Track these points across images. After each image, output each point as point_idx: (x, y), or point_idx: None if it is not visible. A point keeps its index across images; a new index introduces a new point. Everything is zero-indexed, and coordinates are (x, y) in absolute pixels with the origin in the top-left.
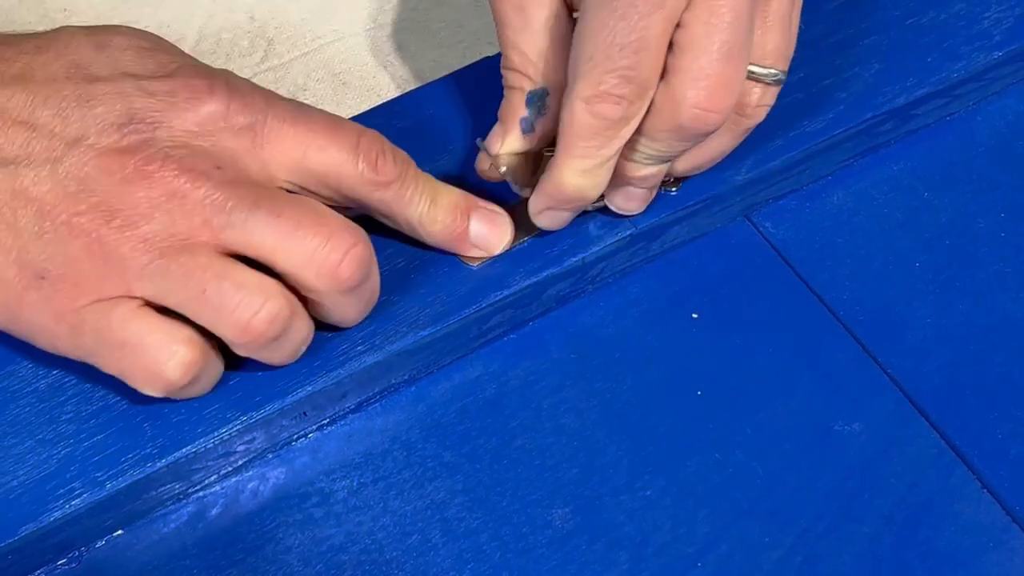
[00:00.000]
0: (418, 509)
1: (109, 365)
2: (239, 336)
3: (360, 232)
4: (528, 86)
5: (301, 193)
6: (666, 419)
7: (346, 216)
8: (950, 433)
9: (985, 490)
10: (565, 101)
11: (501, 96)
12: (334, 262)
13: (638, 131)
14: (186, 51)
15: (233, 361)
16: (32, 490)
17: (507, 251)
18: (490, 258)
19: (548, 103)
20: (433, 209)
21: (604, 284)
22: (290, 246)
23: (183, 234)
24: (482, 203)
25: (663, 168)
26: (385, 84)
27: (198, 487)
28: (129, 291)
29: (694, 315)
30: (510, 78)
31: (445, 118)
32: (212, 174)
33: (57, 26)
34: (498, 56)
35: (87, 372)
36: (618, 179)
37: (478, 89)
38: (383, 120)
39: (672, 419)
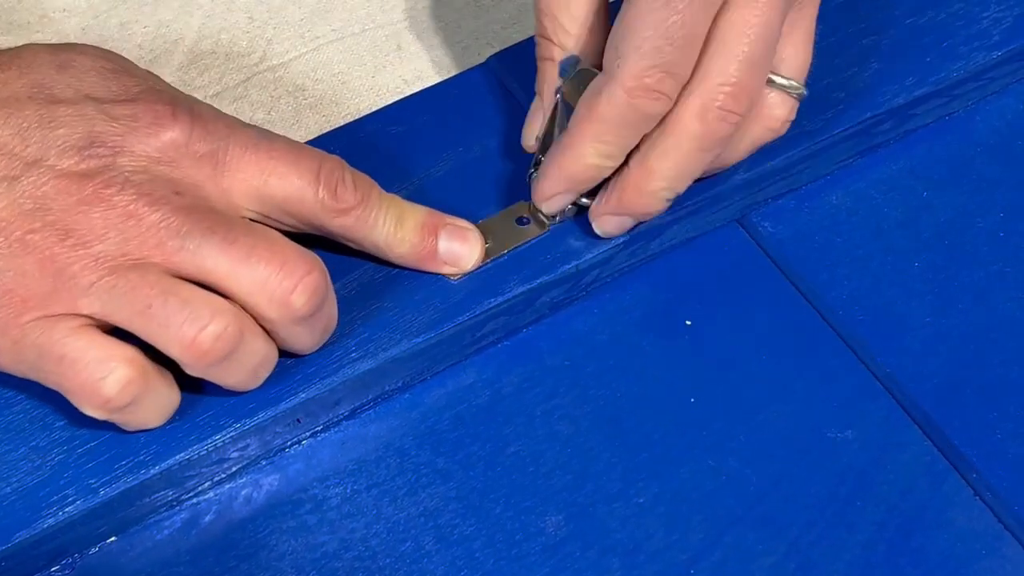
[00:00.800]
0: (411, 516)
1: (49, 380)
2: (185, 353)
3: (315, 261)
4: (559, 56)
5: (264, 222)
6: (659, 426)
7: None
8: (948, 435)
9: (978, 497)
10: (604, 84)
11: (498, 101)
12: (286, 290)
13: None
14: (184, 51)
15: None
16: (25, 497)
17: (481, 266)
18: (465, 274)
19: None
20: (399, 230)
21: (598, 291)
22: (242, 273)
23: (135, 254)
24: (450, 219)
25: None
26: (384, 84)
27: (191, 494)
28: (76, 308)
29: (687, 322)
30: (543, 48)
31: (440, 123)
32: (171, 199)
33: (57, 26)
34: (491, 61)
35: None
36: (624, 209)
37: (476, 92)
38: (378, 126)
39: (665, 426)
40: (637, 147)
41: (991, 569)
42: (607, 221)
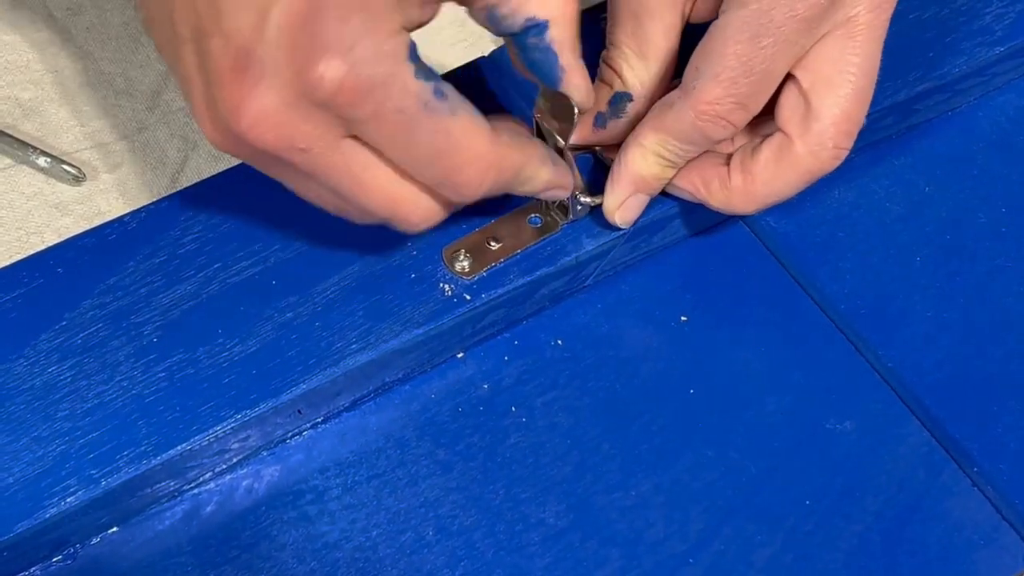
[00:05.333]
0: (412, 507)
1: None
2: None
3: None
4: (617, 86)
5: None
6: (659, 417)
7: None
8: (947, 428)
9: (976, 488)
10: (677, 99)
11: (497, 95)
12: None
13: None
14: None
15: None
16: (27, 487)
17: (496, 264)
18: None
19: (627, 109)
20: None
21: (598, 283)
22: None
23: None
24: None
25: None
26: None
27: (193, 484)
28: None
29: (683, 318)
30: (604, 73)
31: None
32: None
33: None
34: (494, 55)
35: (81, 370)
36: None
37: (476, 87)
38: None
39: (665, 417)
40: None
41: (988, 559)
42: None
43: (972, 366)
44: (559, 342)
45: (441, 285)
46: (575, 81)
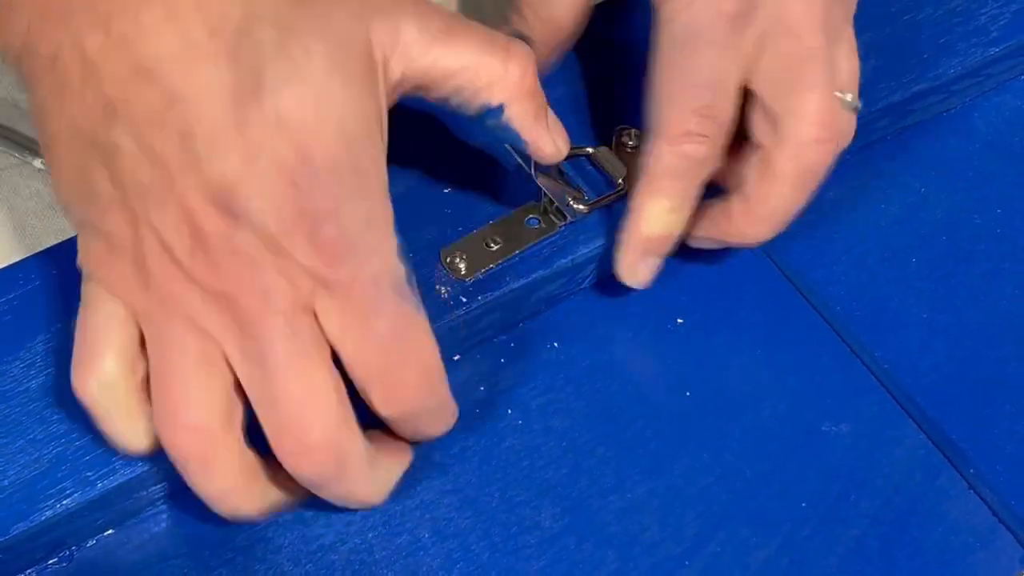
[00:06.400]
0: (407, 509)
1: None
2: None
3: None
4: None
5: None
6: (655, 420)
7: None
8: (944, 430)
9: (972, 491)
10: (648, 144)
11: None
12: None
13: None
14: None
15: None
16: (23, 489)
17: (494, 267)
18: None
19: None
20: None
21: (594, 286)
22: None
23: None
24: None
25: None
26: None
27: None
28: None
29: (679, 320)
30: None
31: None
32: None
33: None
34: None
35: None
36: (724, 240)
37: None
38: None
39: (661, 420)
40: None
41: (985, 562)
42: (699, 242)
43: (968, 368)
44: (555, 345)
45: (437, 287)
46: (540, 146)
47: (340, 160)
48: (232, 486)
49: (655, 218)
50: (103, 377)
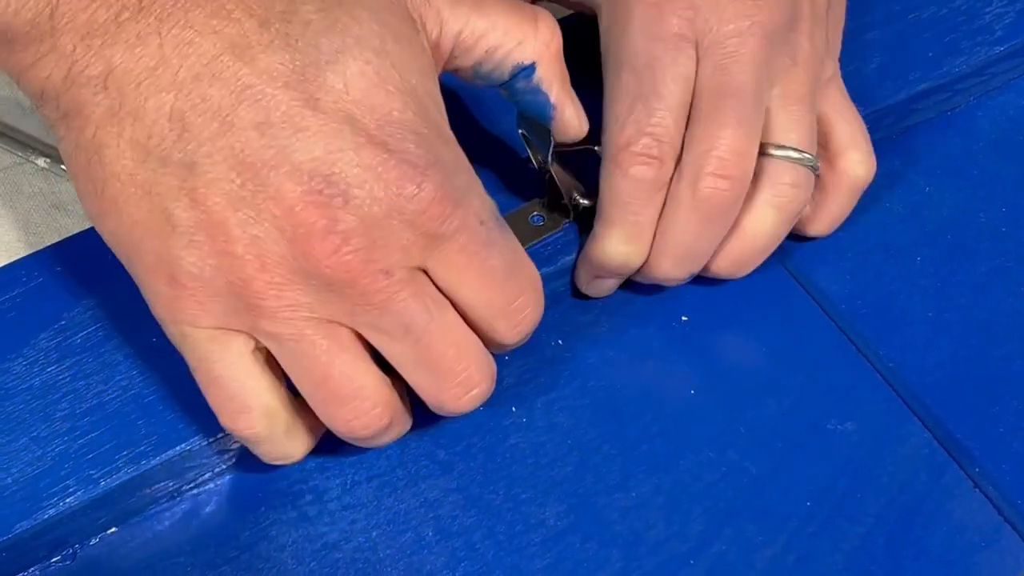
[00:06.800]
0: (411, 507)
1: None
2: (338, 430)
3: (487, 370)
4: None
5: None
6: (659, 418)
7: None
8: (949, 428)
9: (977, 489)
10: (602, 171)
11: (490, 98)
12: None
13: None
14: None
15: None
16: (26, 487)
17: None
18: None
19: None
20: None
21: None
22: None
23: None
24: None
25: None
26: None
27: (192, 485)
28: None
29: (683, 318)
30: None
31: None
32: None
33: None
34: None
35: (81, 370)
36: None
37: (468, 91)
38: None
39: (665, 418)
40: None
41: (990, 561)
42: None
43: (973, 366)
44: (560, 342)
45: None
46: (566, 115)
47: (415, 112)
48: (404, 430)
49: (612, 247)
50: (266, 414)
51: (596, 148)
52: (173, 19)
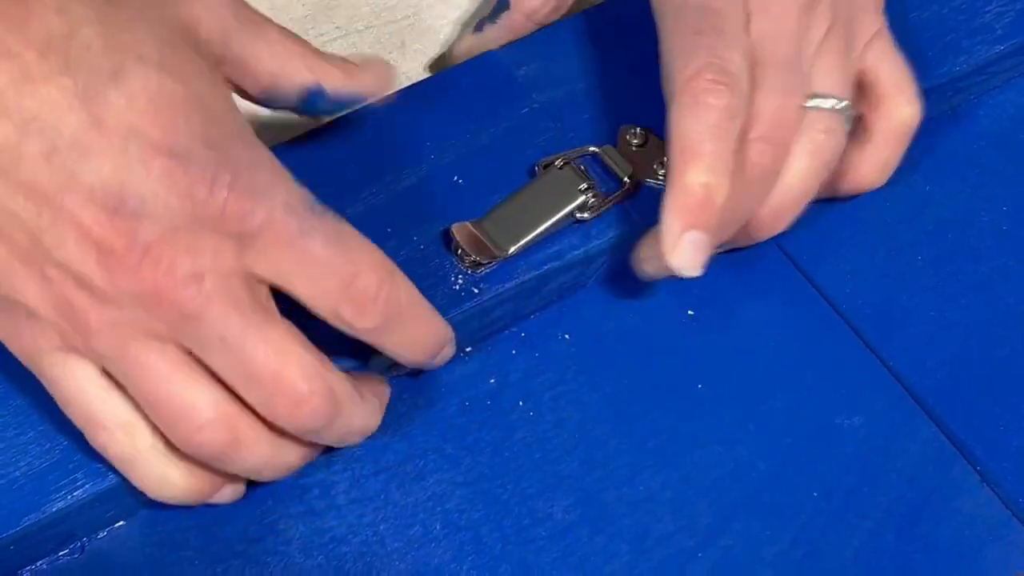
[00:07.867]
0: (419, 501)
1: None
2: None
3: (321, 383)
4: None
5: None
6: (667, 413)
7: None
8: (953, 427)
9: (985, 484)
10: (670, 111)
11: (492, 96)
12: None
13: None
14: None
15: None
16: (34, 481)
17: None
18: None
19: (503, 16)
20: (409, 351)
21: (606, 277)
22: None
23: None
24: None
25: None
26: None
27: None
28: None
29: (690, 312)
30: None
31: (448, 111)
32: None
33: None
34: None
35: None
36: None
37: (472, 88)
38: (384, 114)
39: (673, 412)
40: None
41: (998, 555)
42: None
43: (976, 364)
44: (567, 336)
45: (450, 279)
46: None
47: (202, 118)
48: (268, 451)
49: (695, 179)
50: (126, 431)
51: (595, 149)
52: None
